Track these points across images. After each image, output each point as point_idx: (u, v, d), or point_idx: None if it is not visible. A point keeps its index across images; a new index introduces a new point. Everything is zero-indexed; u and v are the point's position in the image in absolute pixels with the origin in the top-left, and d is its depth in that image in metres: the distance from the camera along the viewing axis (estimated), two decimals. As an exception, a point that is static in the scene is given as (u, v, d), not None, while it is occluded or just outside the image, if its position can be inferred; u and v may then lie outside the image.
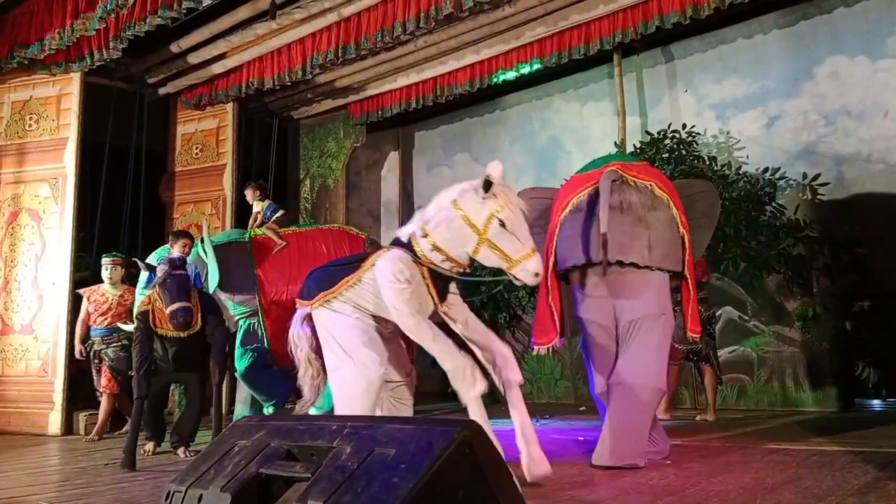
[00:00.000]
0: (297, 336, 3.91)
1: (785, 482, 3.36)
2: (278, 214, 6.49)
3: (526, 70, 7.78)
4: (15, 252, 6.85)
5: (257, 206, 6.60)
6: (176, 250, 5.61)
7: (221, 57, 7.50)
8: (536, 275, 3.33)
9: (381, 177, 10.33)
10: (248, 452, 1.98)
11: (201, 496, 1.93)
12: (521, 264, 3.32)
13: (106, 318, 6.11)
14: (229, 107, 8.20)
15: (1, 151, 7.05)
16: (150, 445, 5.02)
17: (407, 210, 10.14)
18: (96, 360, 6.15)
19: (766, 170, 6.83)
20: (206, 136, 8.32)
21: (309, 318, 3.86)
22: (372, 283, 3.59)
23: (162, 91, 8.17)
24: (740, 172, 6.89)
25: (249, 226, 6.55)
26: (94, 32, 6.21)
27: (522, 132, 9.30)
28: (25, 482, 4.10)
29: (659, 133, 7.24)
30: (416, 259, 3.50)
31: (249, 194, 6.74)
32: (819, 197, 6.77)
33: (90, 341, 6.19)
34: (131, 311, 5.96)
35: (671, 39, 7.82)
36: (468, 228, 3.40)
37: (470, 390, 3.29)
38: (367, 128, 9.37)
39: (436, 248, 3.48)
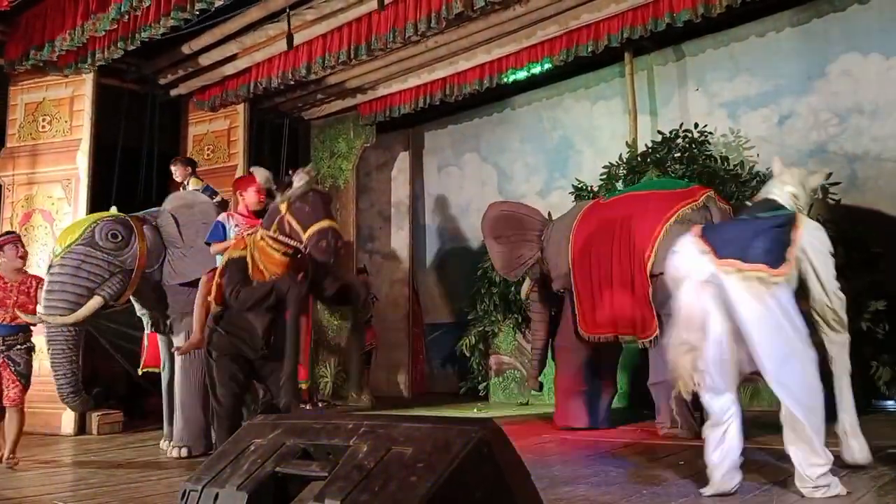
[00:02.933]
0: (705, 312, 3.09)
1: (801, 483, 3.33)
2: (217, 199, 5.68)
3: (536, 69, 7.76)
4: (28, 253, 6.89)
5: (194, 185, 5.88)
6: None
7: (233, 58, 7.51)
8: None
9: (392, 177, 10.32)
10: (264, 451, 1.97)
11: (217, 495, 1.92)
12: None
13: (7, 313, 4.77)
14: (240, 108, 8.22)
15: (14, 153, 7.10)
16: None
17: (417, 210, 10.14)
18: None
19: (778, 169, 6.78)
20: (217, 137, 8.35)
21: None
22: (806, 254, 3.15)
23: (174, 92, 8.20)
24: (752, 172, 6.85)
25: None
26: (103, 33, 6.23)
27: (533, 132, 9.28)
28: (39, 482, 4.13)
29: (671, 132, 7.20)
30: None
31: (180, 171, 5.95)
32: (831, 196, 6.72)
33: None
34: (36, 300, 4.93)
35: (682, 38, 7.79)
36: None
37: None
38: (377, 128, 9.37)
39: None
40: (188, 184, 5.98)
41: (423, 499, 1.56)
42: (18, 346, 4.79)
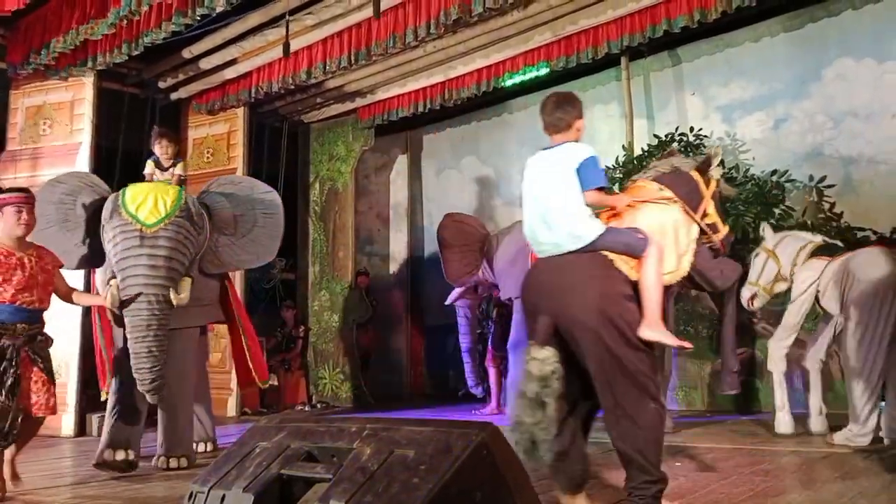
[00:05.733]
0: None
1: (795, 485, 3.39)
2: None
3: (534, 74, 7.81)
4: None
5: (180, 170, 5.14)
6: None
7: (233, 62, 7.55)
8: None
9: (390, 180, 10.37)
10: (269, 454, 2.02)
11: (224, 496, 1.97)
12: None
13: (23, 292, 3.71)
14: (240, 111, 8.25)
15: (15, 156, 7.14)
16: None
17: (415, 213, 10.18)
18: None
19: (773, 172, 6.85)
20: (217, 141, 8.38)
21: None
22: None
23: (174, 96, 8.24)
24: (748, 175, 6.91)
25: None
26: (100, 37, 6.26)
27: (530, 135, 9.29)
28: (41, 484, 4.15)
29: (666, 136, 7.26)
30: None
31: (171, 149, 5.12)
32: (826, 199, 6.78)
33: None
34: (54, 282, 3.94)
35: (679, 43, 7.84)
36: None
37: None
38: (376, 131, 9.40)
39: None
40: (175, 168, 5.18)
41: (425, 500, 1.61)
42: (41, 338, 3.83)
